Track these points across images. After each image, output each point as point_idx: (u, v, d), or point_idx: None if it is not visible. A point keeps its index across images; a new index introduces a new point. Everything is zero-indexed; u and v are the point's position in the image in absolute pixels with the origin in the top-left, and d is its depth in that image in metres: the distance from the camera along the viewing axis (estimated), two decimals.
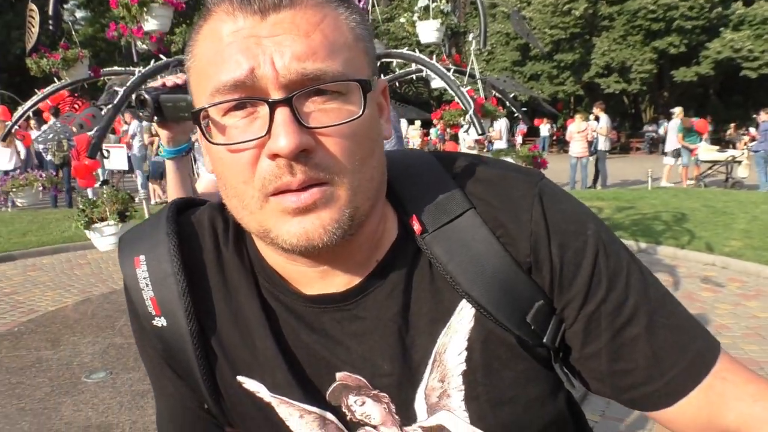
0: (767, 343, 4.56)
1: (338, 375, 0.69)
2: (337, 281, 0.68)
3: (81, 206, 3.01)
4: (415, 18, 4.61)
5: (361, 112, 0.57)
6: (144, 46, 4.40)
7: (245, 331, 0.70)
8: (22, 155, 12.06)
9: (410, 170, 0.71)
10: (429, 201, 0.68)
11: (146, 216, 9.49)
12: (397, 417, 0.69)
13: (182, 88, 1.40)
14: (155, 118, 1.39)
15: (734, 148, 16.27)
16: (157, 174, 12.40)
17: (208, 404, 0.74)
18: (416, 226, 0.67)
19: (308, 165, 0.56)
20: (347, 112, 0.57)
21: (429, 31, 4.55)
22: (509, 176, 0.69)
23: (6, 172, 9.23)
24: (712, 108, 26.21)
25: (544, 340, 0.68)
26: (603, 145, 14.16)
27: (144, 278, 0.69)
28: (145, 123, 12.97)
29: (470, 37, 4.75)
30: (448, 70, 3.91)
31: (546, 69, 28.01)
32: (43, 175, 4.08)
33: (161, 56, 3.92)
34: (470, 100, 3.60)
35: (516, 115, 5.54)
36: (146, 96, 1.36)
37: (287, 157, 0.55)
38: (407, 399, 0.68)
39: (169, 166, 1.63)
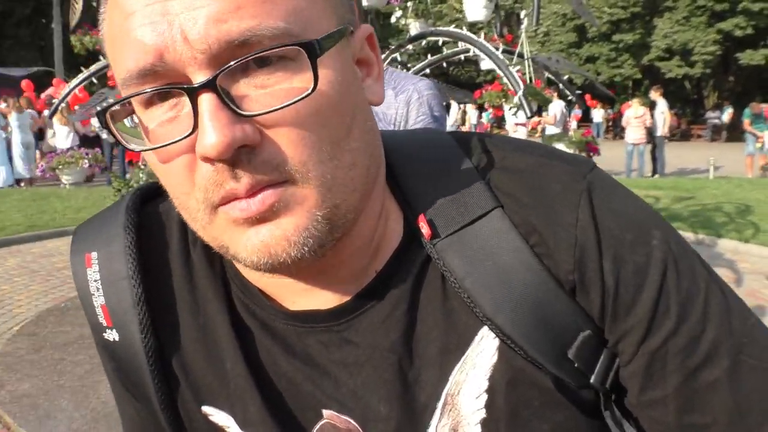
0: None
1: (326, 412, 0.55)
2: (326, 295, 0.54)
3: (115, 186, 2.97)
4: None
5: (311, 88, 0.42)
6: None
7: (214, 351, 0.57)
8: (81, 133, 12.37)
9: (419, 156, 0.56)
10: (442, 196, 0.53)
11: None
12: None
13: None
14: None
15: None
16: None
17: None
18: (425, 229, 0.52)
19: (254, 164, 0.42)
20: (301, 87, 0.42)
21: (476, 7, 4.36)
22: (548, 165, 0.53)
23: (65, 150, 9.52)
24: None
25: (591, 381, 0.52)
26: (661, 131, 13.55)
27: (95, 281, 0.56)
28: None
29: (522, 14, 4.52)
30: (497, 49, 3.71)
31: (604, 51, 27.02)
32: (89, 153, 4.10)
33: None
34: (519, 80, 3.39)
35: (570, 98, 5.27)
36: None
37: (220, 159, 0.41)
38: None
39: None
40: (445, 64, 5.16)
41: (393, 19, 4.99)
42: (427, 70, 4.69)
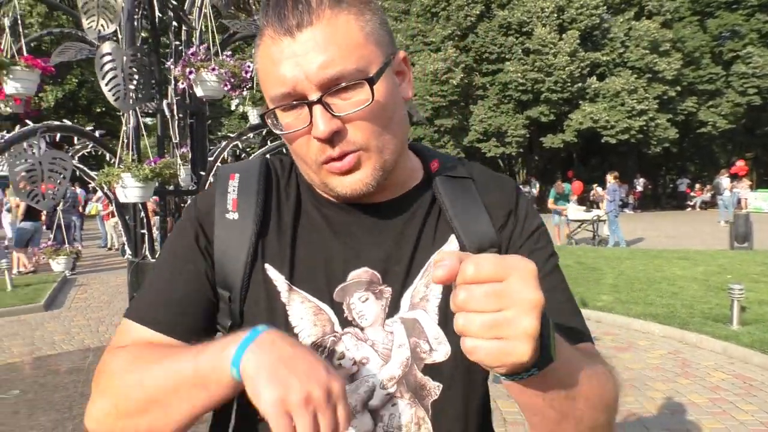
0: (641, 393, 4.86)
1: (352, 273, 0.90)
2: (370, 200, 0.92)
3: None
4: None
5: (370, 100, 0.79)
6: (8, 109, 4.08)
7: (287, 233, 0.92)
8: None
9: (430, 149, 1.04)
10: (445, 162, 1.00)
11: (9, 288, 8.72)
12: (387, 311, 0.90)
13: None
14: None
15: (598, 207, 17.74)
16: (22, 242, 11.40)
17: (230, 291, 0.90)
18: (435, 165, 0.99)
19: (342, 141, 0.81)
20: (365, 99, 0.79)
21: None
22: (499, 173, 1.03)
23: None
24: (575, 171, 28.49)
25: None
26: None
27: (234, 186, 0.94)
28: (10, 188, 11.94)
29: None
30: None
31: (428, 133, 29.33)
32: None
33: (27, 121, 3.65)
34: None
35: None
36: None
37: (324, 139, 0.80)
38: (400, 295, 0.91)
39: None
40: (285, 149, 5.27)
41: (232, 107, 5.07)
42: (268, 156, 4.75)
